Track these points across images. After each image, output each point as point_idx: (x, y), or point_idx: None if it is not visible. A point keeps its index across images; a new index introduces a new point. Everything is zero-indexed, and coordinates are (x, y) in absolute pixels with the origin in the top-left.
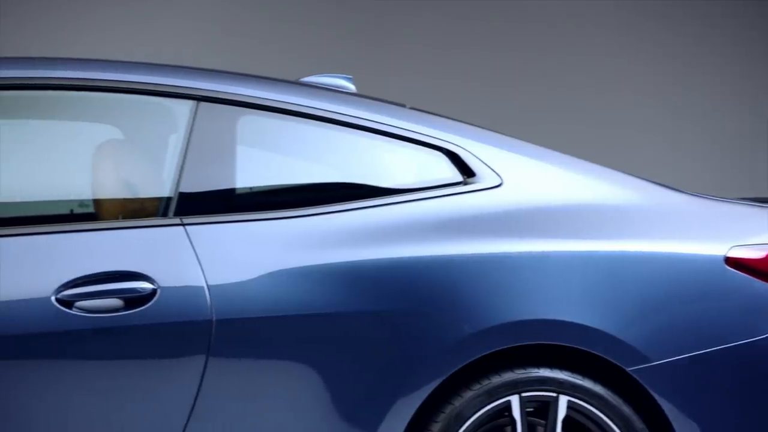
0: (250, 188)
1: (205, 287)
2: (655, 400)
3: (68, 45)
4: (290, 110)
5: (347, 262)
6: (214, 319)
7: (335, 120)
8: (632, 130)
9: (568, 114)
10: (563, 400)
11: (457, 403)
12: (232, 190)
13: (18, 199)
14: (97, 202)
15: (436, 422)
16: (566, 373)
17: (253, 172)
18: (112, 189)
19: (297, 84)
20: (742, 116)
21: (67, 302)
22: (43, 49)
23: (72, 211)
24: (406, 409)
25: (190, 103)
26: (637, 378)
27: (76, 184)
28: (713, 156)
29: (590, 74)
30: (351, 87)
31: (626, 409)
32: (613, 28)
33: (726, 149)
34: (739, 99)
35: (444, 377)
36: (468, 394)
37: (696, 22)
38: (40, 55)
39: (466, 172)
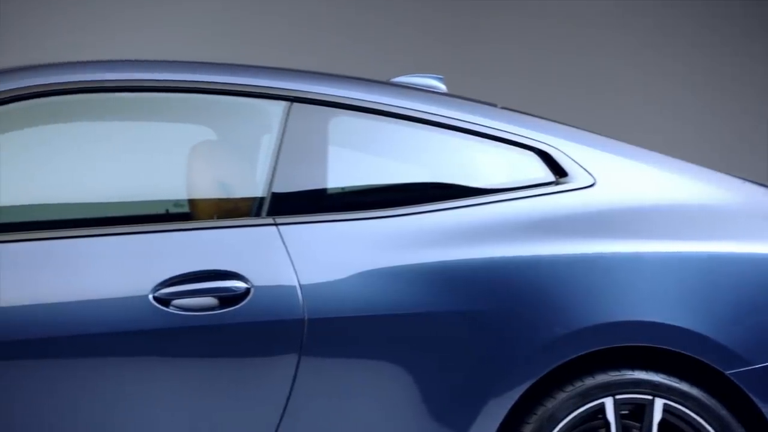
0: (342, 188)
1: (297, 286)
2: (753, 403)
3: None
4: (382, 110)
5: (439, 262)
6: (306, 318)
7: (426, 120)
8: (632, 129)
9: (569, 113)
10: (659, 403)
11: (550, 404)
12: (323, 190)
13: (115, 200)
14: (191, 202)
15: (528, 423)
16: (661, 375)
17: (344, 172)
18: (206, 189)
19: (388, 84)
20: (741, 117)
21: (164, 300)
22: (45, 48)
23: (167, 210)
24: (497, 409)
25: (283, 103)
26: (737, 381)
27: (172, 185)
28: (713, 156)
29: (589, 74)
30: (442, 87)
31: (724, 412)
32: (613, 27)
33: (726, 150)
34: (738, 99)
35: (536, 378)
36: (561, 396)
37: (696, 22)
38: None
39: (559, 171)
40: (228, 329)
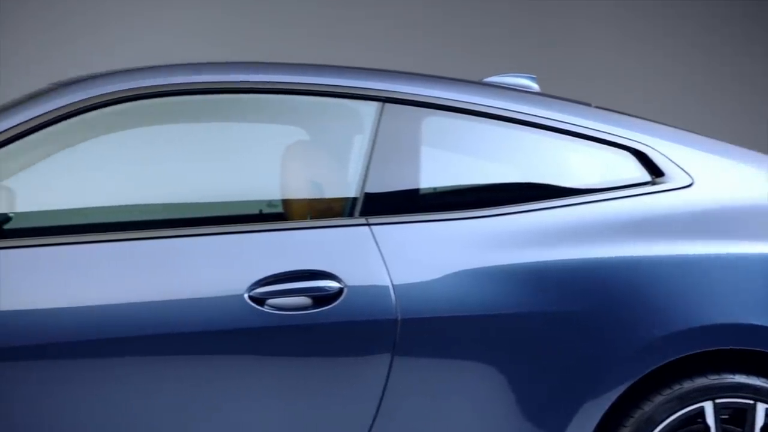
0: (435, 188)
1: (390, 287)
2: None
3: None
4: (474, 110)
5: (533, 262)
6: (399, 318)
7: (519, 120)
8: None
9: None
10: (761, 408)
11: (647, 407)
12: (416, 191)
13: (211, 200)
14: (285, 203)
15: (625, 426)
16: (763, 379)
17: (437, 172)
18: (299, 189)
19: (481, 84)
20: (741, 117)
21: (260, 300)
22: (46, 47)
23: (261, 211)
24: (593, 411)
25: (376, 104)
26: None
27: (265, 185)
28: None
29: (588, 74)
30: (535, 87)
31: None
32: (611, 27)
33: None
34: (738, 100)
35: (633, 381)
36: (658, 399)
37: (696, 22)
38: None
39: (655, 171)
40: (321, 329)
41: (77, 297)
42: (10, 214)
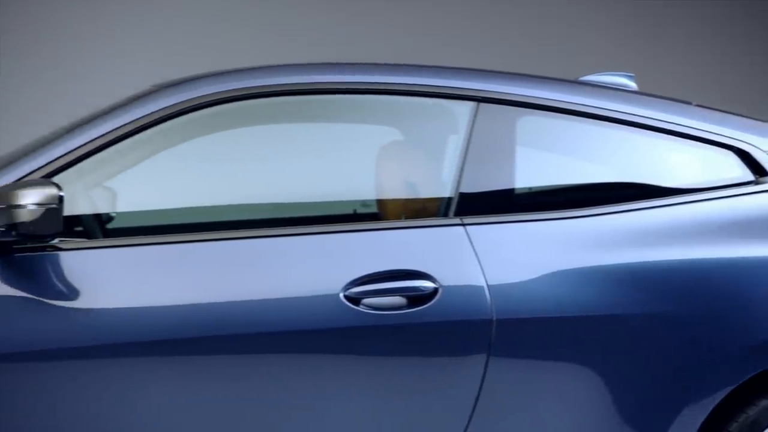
0: (530, 188)
1: (485, 287)
2: None
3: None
4: (571, 110)
5: (632, 263)
6: (494, 318)
7: (617, 119)
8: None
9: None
10: None
11: (752, 411)
12: (511, 191)
13: (305, 200)
14: (380, 202)
15: (729, 431)
16: None
17: (532, 172)
18: (394, 190)
19: (577, 83)
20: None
21: (355, 299)
22: (45, 47)
23: (355, 211)
24: (694, 416)
25: (471, 104)
26: None
27: (359, 185)
28: None
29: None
30: (633, 85)
31: None
32: (610, 26)
33: None
34: (738, 99)
35: (736, 385)
36: (763, 403)
37: (696, 21)
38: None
39: (759, 171)
40: (416, 328)
41: (176, 295)
42: (113, 214)
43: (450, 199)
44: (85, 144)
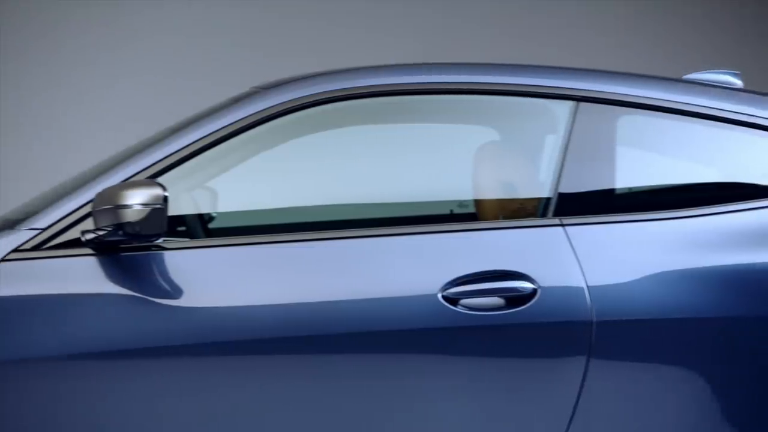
0: (631, 188)
1: (585, 288)
2: None
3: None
4: (675, 109)
5: (736, 264)
6: (594, 320)
7: (722, 118)
8: None
9: None
10: None
11: None
12: (612, 191)
13: (403, 200)
14: (477, 203)
15: None
16: None
17: (633, 172)
18: (491, 190)
19: (680, 82)
20: None
21: (453, 300)
22: (46, 47)
23: (451, 211)
24: None
25: (570, 103)
26: None
27: (456, 186)
28: None
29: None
30: (738, 83)
31: None
32: (610, 26)
33: None
34: None
35: None
36: None
37: (696, 21)
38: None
39: None
40: (515, 329)
41: (276, 295)
42: (214, 214)
43: (548, 199)
44: (188, 145)
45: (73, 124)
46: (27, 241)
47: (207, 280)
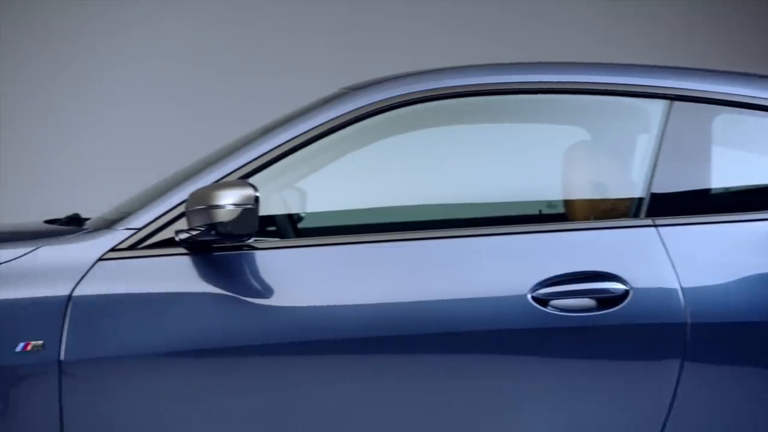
0: (727, 189)
1: (679, 289)
2: None
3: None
4: None
5: None
6: (688, 322)
7: None
8: None
9: None
10: None
11: None
12: (707, 191)
13: (492, 200)
14: (567, 203)
15: None
16: None
17: (729, 171)
18: (582, 190)
19: None
20: None
21: (543, 300)
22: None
23: (540, 211)
24: None
25: (663, 102)
26: None
27: (545, 186)
28: None
29: None
30: None
31: None
32: (610, 26)
33: None
34: None
35: None
36: None
37: (696, 21)
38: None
39: None
40: (606, 331)
41: (366, 295)
42: (303, 214)
43: (641, 199)
44: (279, 146)
45: (72, 124)
46: (123, 241)
47: (297, 280)
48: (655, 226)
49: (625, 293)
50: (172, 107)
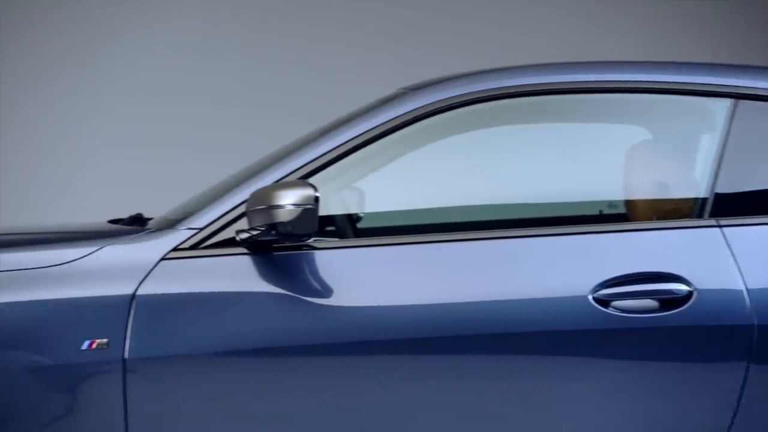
0: None
1: (744, 291)
2: None
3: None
4: None
5: None
6: (755, 324)
7: None
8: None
9: None
10: None
11: None
12: None
13: (552, 200)
14: (628, 203)
15: None
16: None
17: None
18: (644, 190)
19: None
20: None
21: (604, 301)
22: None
23: (601, 211)
24: None
25: (728, 101)
26: None
27: (606, 186)
28: None
29: None
30: None
31: None
32: (609, 27)
33: None
34: None
35: None
36: None
37: (695, 21)
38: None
39: None
40: (669, 332)
41: (425, 295)
42: (361, 214)
43: (704, 199)
44: (338, 146)
45: (73, 124)
46: (185, 240)
47: (356, 280)
48: (720, 226)
49: (689, 294)
50: (240, 105)
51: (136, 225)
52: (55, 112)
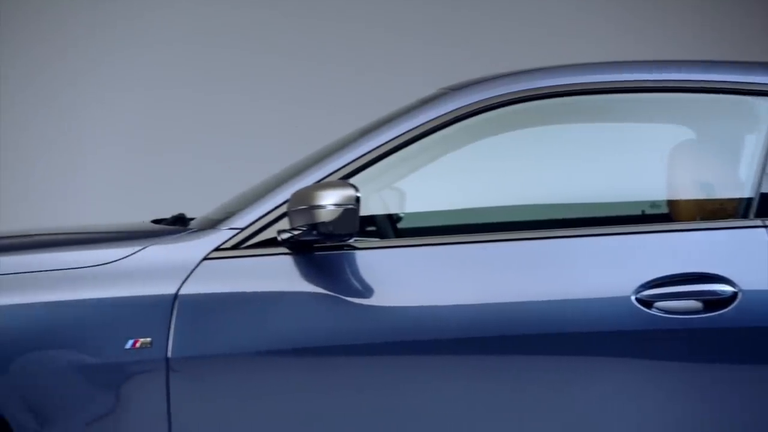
0: None
1: None
2: None
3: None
4: None
5: None
6: None
7: None
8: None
9: None
10: None
11: None
12: None
13: (593, 200)
14: (672, 203)
15: None
16: None
17: None
18: (687, 190)
19: None
20: None
21: (647, 302)
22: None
23: (643, 212)
24: None
25: None
26: None
27: (649, 186)
28: None
29: None
30: None
31: None
32: (609, 28)
33: None
34: None
35: None
36: None
37: (695, 21)
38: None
39: None
40: (714, 334)
41: (466, 295)
42: (402, 214)
43: (750, 199)
44: (379, 146)
45: (73, 120)
46: (227, 240)
47: (397, 280)
48: (766, 227)
49: (734, 295)
50: (272, 103)
51: (178, 225)
52: (55, 107)
